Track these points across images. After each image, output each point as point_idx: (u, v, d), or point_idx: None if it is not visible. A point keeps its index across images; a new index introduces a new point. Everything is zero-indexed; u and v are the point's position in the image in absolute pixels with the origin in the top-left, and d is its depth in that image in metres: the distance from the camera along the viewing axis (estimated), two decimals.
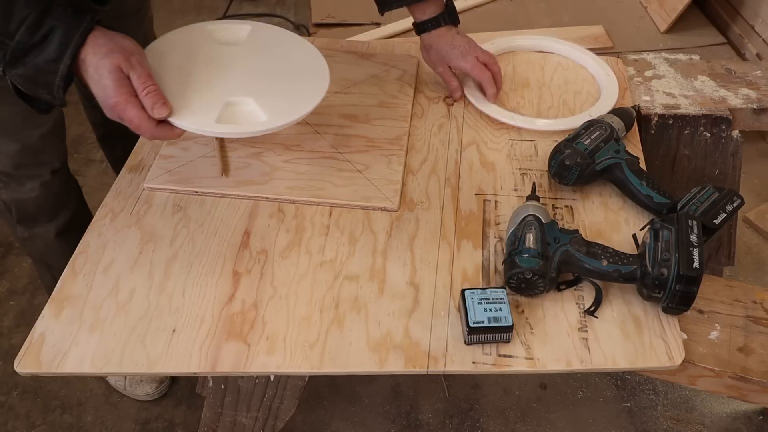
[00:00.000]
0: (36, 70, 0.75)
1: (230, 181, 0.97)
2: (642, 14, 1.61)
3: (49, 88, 0.77)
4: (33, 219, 1.22)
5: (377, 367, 0.77)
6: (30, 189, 1.16)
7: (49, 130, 1.12)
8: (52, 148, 1.16)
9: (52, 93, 0.77)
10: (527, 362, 0.78)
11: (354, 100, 1.11)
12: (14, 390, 1.49)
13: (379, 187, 0.96)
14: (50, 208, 1.20)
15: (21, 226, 1.24)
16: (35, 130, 1.09)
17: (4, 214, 1.23)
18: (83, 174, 1.99)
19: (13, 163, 1.11)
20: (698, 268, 0.76)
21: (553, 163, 0.95)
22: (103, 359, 0.77)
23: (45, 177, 1.16)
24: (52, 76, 0.76)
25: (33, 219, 1.22)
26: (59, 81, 0.76)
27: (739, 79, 1.21)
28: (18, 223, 1.23)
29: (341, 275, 0.86)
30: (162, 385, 1.46)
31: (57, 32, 0.74)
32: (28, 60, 0.75)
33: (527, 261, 0.79)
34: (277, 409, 1.03)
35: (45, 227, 1.21)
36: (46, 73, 0.75)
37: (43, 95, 0.78)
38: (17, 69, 0.76)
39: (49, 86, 0.77)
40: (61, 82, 0.76)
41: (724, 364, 0.84)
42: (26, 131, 1.08)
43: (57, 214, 1.21)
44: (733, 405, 1.44)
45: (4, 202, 1.20)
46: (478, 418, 1.43)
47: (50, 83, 0.76)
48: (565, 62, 1.23)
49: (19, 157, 1.10)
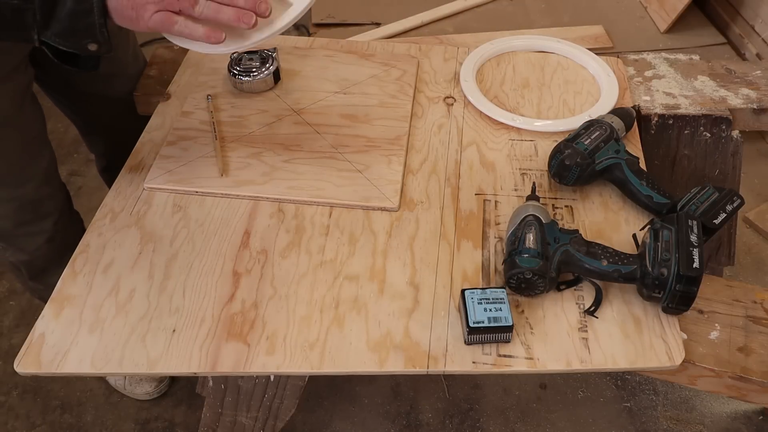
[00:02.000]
0: (71, 17, 0.71)
1: (230, 181, 0.97)
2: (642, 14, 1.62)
3: (91, 31, 0.72)
4: (45, 271, 1.17)
5: (377, 367, 0.77)
6: (35, 248, 1.12)
7: (44, 179, 1.07)
8: (49, 198, 1.10)
9: (96, 37, 0.73)
10: (527, 362, 0.78)
11: (354, 100, 1.11)
12: (14, 390, 1.49)
13: (379, 187, 0.96)
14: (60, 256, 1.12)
15: (33, 281, 1.21)
16: (31, 182, 1.04)
17: (15, 271, 1.21)
18: (83, 174, 1.99)
19: (13, 222, 1.06)
20: (698, 268, 0.76)
21: (553, 163, 0.95)
22: (103, 359, 0.77)
23: (48, 232, 1.11)
24: (90, 16, 0.71)
25: (45, 271, 1.17)
26: (98, 18, 0.71)
27: (739, 79, 1.21)
28: (30, 279, 1.20)
29: (341, 275, 0.86)
30: (162, 384, 1.46)
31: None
32: (58, 11, 0.70)
33: (527, 261, 0.79)
34: (277, 409, 1.03)
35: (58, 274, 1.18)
36: (83, 14, 0.71)
37: (89, 45, 0.73)
38: (52, 27, 0.72)
39: (91, 29, 0.72)
40: (101, 18, 0.71)
41: (724, 364, 0.84)
42: (23, 185, 1.03)
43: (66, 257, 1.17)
44: (733, 405, 1.44)
45: (11, 263, 1.17)
46: (478, 418, 1.43)
47: (91, 25, 0.72)
48: (565, 62, 1.23)
49: (18, 214, 1.05)
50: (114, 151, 1.21)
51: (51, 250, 1.13)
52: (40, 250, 1.12)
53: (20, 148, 1.01)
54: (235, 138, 1.04)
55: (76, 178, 1.97)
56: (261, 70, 1.11)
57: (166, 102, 1.13)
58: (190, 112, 1.09)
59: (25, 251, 1.12)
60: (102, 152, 1.35)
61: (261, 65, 1.11)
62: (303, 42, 1.27)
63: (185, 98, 1.11)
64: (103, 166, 1.39)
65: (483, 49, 1.23)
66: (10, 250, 1.13)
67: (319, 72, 1.17)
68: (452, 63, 1.22)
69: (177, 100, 1.13)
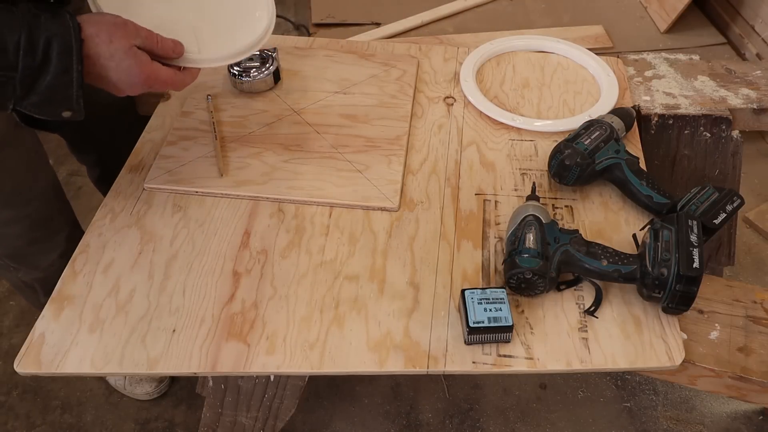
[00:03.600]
0: (50, 90, 0.71)
1: (230, 181, 0.97)
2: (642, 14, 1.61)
3: (68, 102, 0.73)
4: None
5: (377, 367, 0.77)
6: (49, 265, 1.11)
7: (53, 194, 1.09)
8: (59, 213, 1.11)
9: (72, 107, 0.74)
10: (527, 362, 0.78)
11: (354, 100, 1.11)
12: (14, 390, 1.49)
13: (379, 187, 0.96)
14: None
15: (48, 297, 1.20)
16: (40, 198, 1.05)
17: (26, 290, 1.19)
18: (83, 174, 1.97)
19: (27, 240, 1.06)
20: (698, 268, 0.76)
21: (553, 163, 0.95)
22: (103, 359, 0.77)
23: (61, 247, 1.11)
24: (69, 89, 0.72)
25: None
26: (77, 90, 0.72)
27: (739, 79, 1.21)
28: (45, 296, 1.16)
29: (341, 275, 0.86)
30: (162, 384, 1.46)
31: (54, 43, 0.69)
32: (38, 84, 0.71)
33: (527, 261, 0.79)
34: (277, 409, 1.03)
35: None
36: (62, 87, 0.72)
37: (63, 113, 0.74)
38: (30, 99, 0.71)
39: (68, 100, 0.73)
40: (79, 90, 0.73)
41: (724, 364, 0.84)
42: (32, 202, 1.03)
43: None
44: (733, 405, 1.44)
45: (25, 283, 1.16)
46: (478, 418, 1.43)
47: (69, 97, 0.73)
48: (565, 62, 1.23)
49: (31, 232, 1.05)
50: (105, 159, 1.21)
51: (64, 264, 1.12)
52: (53, 266, 1.11)
53: (23, 166, 1.01)
54: (235, 138, 1.04)
55: (76, 178, 1.97)
56: (261, 70, 1.11)
57: (166, 102, 1.13)
58: (190, 112, 1.09)
59: (38, 269, 1.12)
60: (95, 161, 1.33)
61: (261, 65, 1.11)
62: (303, 42, 1.27)
63: (185, 98, 1.11)
64: (97, 177, 1.37)
65: (483, 49, 1.23)
66: (23, 269, 1.12)
67: (319, 72, 1.17)
68: (452, 63, 1.22)
69: (177, 100, 1.13)
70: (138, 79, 0.76)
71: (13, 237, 1.05)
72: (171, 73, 0.79)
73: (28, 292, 1.21)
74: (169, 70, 0.79)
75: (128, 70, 0.75)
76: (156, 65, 0.78)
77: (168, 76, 0.79)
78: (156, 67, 0.77)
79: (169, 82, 0.79)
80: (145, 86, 0.78)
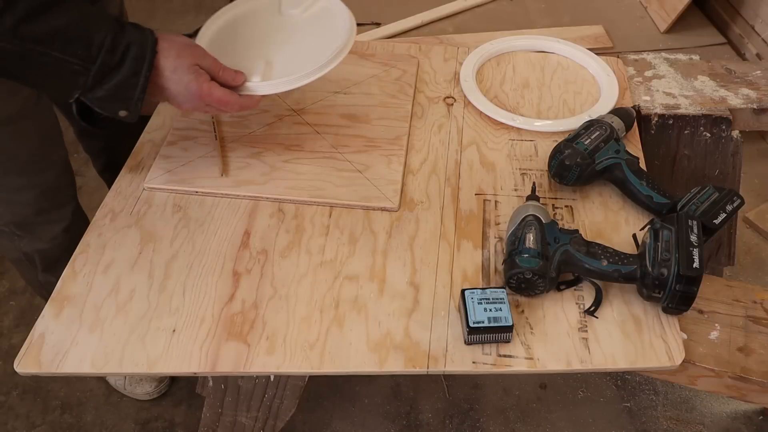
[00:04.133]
0: (116, 88, 0.79)
1: (230, 181, 0.97)
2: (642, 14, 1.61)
3: (127, 103, 0.81)
4: (58, 261, 1.18)
5: (377, 367, 0.77)
6: (51, 237, 1.16)
7: (63, 168, 1.14)
8: (67, 186, 1.17)
9: (129, 107, 0.81)
10: (527, 362, 0.78)
11: (354, 100, 1.11)
12: (14, 390, 1.49)
13: (379, 187, 0.96)
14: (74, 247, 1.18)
15: (46, 273, 1.23)
16: (51, 169, 1.11)
17: (25, 265, 1.22)
18: (83, 174, 1.99)
19: (33, 210, 1.11)
20: (698, 268, 0.76)
21: (553, 163, 0.95)
22: (103, 359, 0.77)
23: (66, 221, 1.17)
24: (132, 90, 0.80)
25: (58, 261, 1.18)
26: (139, 94, 0.80)
27: (739, 79, 1.21)
28: (43, 271, 1.22)
29: (341, 275, 0.86)
30: (162, 384, 1.47)
31: (132, 48, 0.78)
32: (108, 80, 0.78)
33: (527, 261, 0.79)
34: (277, 409, 1.03)
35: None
36: (126, 88, 0.79)
37: (120, 112, 0.82)
38: (96, 92, 0.79)
39: (128, 101, 0.80)
40: (141, 94, 0.80)
41: (724, 364, 0.84)
42: (43, 173, 1.09)
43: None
44: (733, 405, 1.44)
45: (25, 254, 1.19)
46: (478, 418, 1.43)
47: (130, 98, 0.80)
48: (565, 62, 1.23)
49: (39, 202, 1.11)
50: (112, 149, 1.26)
51: (66, 240, 1.17)
52: (56, 239, 1.17)
53: (39, 139, 1.07)
54: (236, 138, 1.04)
55: (76, 177, 1.95)
56: None
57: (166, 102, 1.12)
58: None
59: (42, 239, 1.16)
60: (101, 150, 1.38)
61: None
62: None
63: None
64: (102, 166, 1.42)
65: (483, 49, 1.23)
66: (27, 238, 1.16)
67: None
68: (452, 63, 1.22)
69: None
70: (194, 94, 0.83)
71: (22, 204, 1.10)
72: (227, 92, 0.86)
73: (26, 266, 1.23)
74: (225, 90, 0.85)
75: (187, 84, 0.82)
76: (214, 84, 0.84)
77: (223, 94, 0.85)
78: (213, 86, 0.84)
79: (224, 100, 0.85)
80: (200, 101, 0.85)
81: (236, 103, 0.87)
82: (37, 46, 0.73)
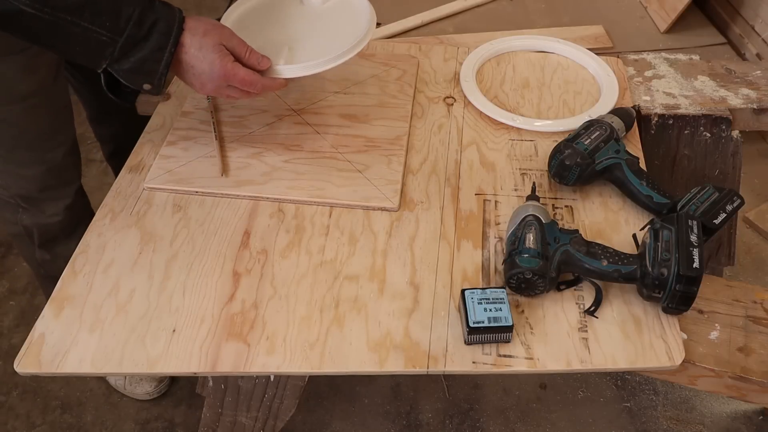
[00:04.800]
0: (142, 61, 0.81)
1: (230, 181, 0.97)
2: (642, 14, 1.61)
3: (152, 76, 0.82)
4: (55, 239, 1.22)
5: (377, 367, 0.77)
6: (54, 213, 1.17)
7: (71, 148, 1.15)
8: (73, 166, 1.18)
9: (153, 81, 0.83)
10: (527, 362, 0.78)
11: (354, 100, 1.11)
12: (14, 390, 1.49)
13: (379, 187, 0.96)
14: (73, 227, 1.21)
15: (42, 250, 1.24)
16: (60, 148, 1.12)
17: (23, 239, 1.23)
18: (83, 174, 1.98)
19: (39, 185, 1.12)
20: (698, 268, 0.76)
21: (553, 163, 0.95)
22: (103, 359, 0.77)
23: (69, 198, 1.18)
24: (157, 64, 0.82)
25: (55, 239, 1.22)
26: (163, 68, 0.82)
27: (739, 79, 1.21)
28: (39, 247, 1.23)
29: (341, 275, 0.86)
30: (162, 384, 1.47)
31: (160, 24, 0.80)
32: (134, 52, 0.80)
33: (527, 261, 0.79)
34: (277, 409, 1.03)
35: (66, 245, 1.21)
36: (152, 62, 0.81)
37: (144, 85, 0.84)
38: (122, 63, 0.81)
39: (152, 75, 0.82)
40: (165, 69, 0.82)
41: (724, 364, 0.84)
42: (52, 150, 1.11)
43: (76, 229, 1.21)
44: (733, 405, 1.44)
45: (25, 228, 1.20)
46: (478, 418, 1.43)
47: (154, 71, 0.82)
48: (565, 62, 1.23)
49: (45, 178, 1.12)
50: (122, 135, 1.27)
51: (67, 217, 1.20)
52: (58, 216, 1.18)
53: (51, 116, 1.09)
54: (236, 138, 1.04)
55: None
56: None
57: (166, 102, 1.13)
58: (190, 112, 1.09)
59: (45, 214, 1.18)
60: (111, 136, 1.41)
61: None
62: None
63: (185, 98, 1.11)
64: (110, 152, 1.45)
65: (483, 49, 1.23)
66: (30, 211, 1.17)
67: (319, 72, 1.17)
68: (452, 63, 1.22)
69: (177, 100, 1.13)
70: (218, 73, 0.84)
71: (28, 179, 1.11)
72: (251, 73, 0.86)
73: (24, 241, 1.24)
74: (249, 71, 0.86)
75: (211, 63, 0.83)
76: (238, 65, 0.85)
77: (246, 74, 0.85)
78: (237, 66, 0.85)
79: (248, 80, 0.86)
80: (223, 81, 0.85)
81: (259, 83, 0.87)
82: (68, 15, 0.75)
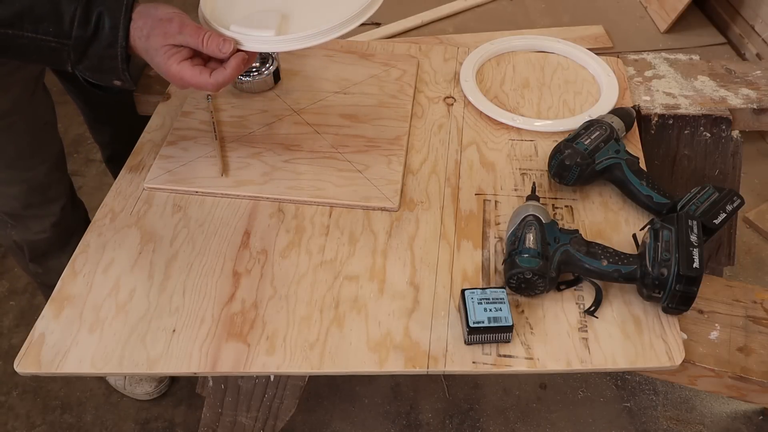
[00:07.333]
0: (99, 59, 0.78)
1: (230, 181, 0.97)
2: (642, 14, 1.61)
3: (114, 73, 0.80)
4: (45, 254, 1.21)
5: (377, 367, 0.77)
6: (41, 230, 1.16)
7: (54, 164, 1.12)
8: (57, 183, 1.15)
9: (119, 77, 0.80)
10: (527, 362, 0.78)
11: (354, 100, 1.11)
12: (14, 390, 1.49)
13: (379, 187, 0.96)
14: (63, 242, 1.20)
15: (34, 264, 1.23)
16: (42, 166, 1.09)
17: (16, 252, 1.23)
18: (83, 174, 1.99)
19: (21, 203, 1.10)
20: (698, 268, 0.76)
21: (553, 163, 0.95)
22: (103, 359, 0.77)
23: (54, 216, 1.16)
24: (114, 61, 0.78)
25: (45, 254, 1.21)
26: (121, 64, 0.78)
27: (739, 79, 1.21)
28: (31, 261, 1.23)
29: (341, 275, 0.86)
30: (162, 384, 1.46)
31: (105, 18, 0.76)
32: (89, 53, 0.77)
33: (527, 261, 0.79)
34: (277, 409, 1.03)
35: (58, 258, 1.20)
36: (108, 59, 0.78)
37: (114, 81, 0.81)
38: (83, 63, 0.78)
39: (114, 71, 0.79)
40: (123, 64, 0.79)
41: (724, 364, 0.84)
42: (33, 169, 1.08)
43: (68, 242, 1.19)
44: (733, 405, 1.44)
45: (15, 243, 1.19)
46: (478, 418, 1.43)
47: (114, 68, 0.79)
48: (565, 62, 1.23)
49: (27, 197, 1.10)
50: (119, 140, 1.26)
51: (55, 234, 1.18)
52: (45, 233, 1.16)
53: (30, 134, 1.06)
54: (235, 138, 1.04)
55: (77, 178, 1.97)
56: (261, 70, 1.11)
57: (166, 102, 1.13)
58: (190, 112, 1.09)
59: (31, 231, 1.16)
60: (108, 141, 1.39)
61: (261, 65, 1.11)
62: None
63: (185, 98, 1.11)
64: (108, 156, 1.43)
65: (483, 49, 1.23)
66: (18, 228, 1.16)
67: (319, 72, 1.17)
68: (452, 63, 1.22)
69: (177, 100, 1.13)
70: (166, 76, 0.81)
71: (10, 197, 1.09)
72: (195, 75, 0.80)
73: (18, 254, 1.24)
74: (194, 72, 0.80)
75: (158, 67, 0.80)
76: (184, 67, 0.79)
77: (192, 77, 0.80)
78: (182, 69, 0.79)
79: (193, 82, 0.81)
80: (175, 84, 0.82)
81: (208, 83, 0.80)
82: (8, 29, 0.73)
